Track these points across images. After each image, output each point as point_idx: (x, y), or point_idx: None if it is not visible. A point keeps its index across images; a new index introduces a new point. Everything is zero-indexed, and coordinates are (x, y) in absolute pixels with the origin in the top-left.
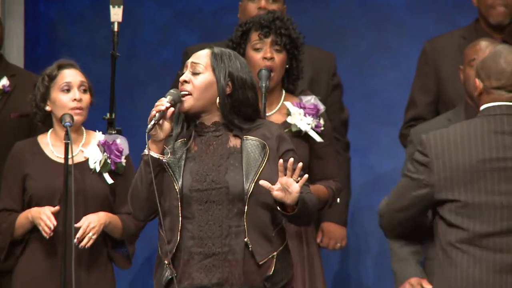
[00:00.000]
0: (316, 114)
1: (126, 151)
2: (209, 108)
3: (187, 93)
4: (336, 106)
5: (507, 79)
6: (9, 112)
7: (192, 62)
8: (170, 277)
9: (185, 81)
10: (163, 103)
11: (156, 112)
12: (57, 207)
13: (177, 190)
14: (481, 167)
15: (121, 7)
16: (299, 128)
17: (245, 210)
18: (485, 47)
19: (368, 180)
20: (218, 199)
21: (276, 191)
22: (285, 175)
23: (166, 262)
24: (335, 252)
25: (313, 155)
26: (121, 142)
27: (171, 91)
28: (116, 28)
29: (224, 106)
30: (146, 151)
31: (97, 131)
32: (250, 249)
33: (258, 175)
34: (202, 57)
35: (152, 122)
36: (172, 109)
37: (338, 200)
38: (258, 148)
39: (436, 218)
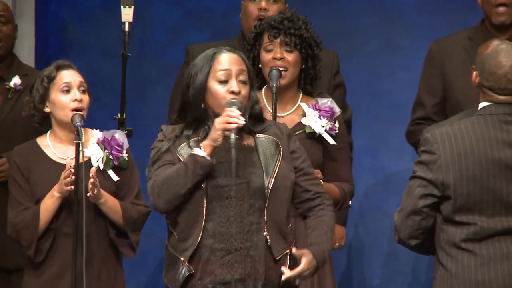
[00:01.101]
0: (331, 117)
1: (126, 144)
2: None
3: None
4: (338, 105)
5: (494, 82)
6: (20, 110)
7: (238, 69)
8: (188, 274)
9: (237, 92)
10: (240, 117)
11: (237, 125)
12: (69, 162)
13: (203, 186)
14: (485, 165)
15: (132, 7)
16: (313, 129)
17: (266, 205)
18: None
19: (378, 181)
20: (239, 195)
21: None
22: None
23: (182, 259)
24: (342, 252)
25: (327, 157)
26: (120, 136)
27: (236, 101)
28: (127, 28)
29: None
30: (200, 153)
31: (94, 129)
32: (268, 244)
33: (276, 171)
34: (242, 64)
35: (234, 136)
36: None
37: (350, 202)
38: (272, 145)
39: (437, 217)
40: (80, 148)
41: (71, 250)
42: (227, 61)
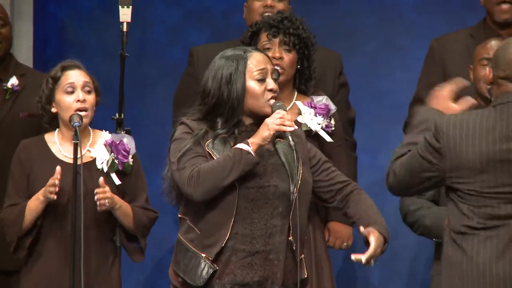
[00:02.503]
0: (327, 114)
1: (133, 150)
2: None
3: None
4: (342, 105)
5: (511, 70)
6: (17, 111)
7: (271, 68)
8: (212, 271)
9: (276, 90)
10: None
11: (294, 129)
12: (58, 169)
13: (237, 185)
14: (491, 155)
15: (130, 7)
16: (309, 127)
17: (291, 209)
18: (496, 46)
19: (377, 180)
20: (264, 197)
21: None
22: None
23: (204, 255)
24: (342, 251)
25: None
26: (128, 141)
27: (282, 105)
28: (125, 29)
29: None
30: (248, 149)
31: (103, 130)
32: (293, 248)
33: (300, 176)
34: (271, 62)
35: (292, 138)
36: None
37: None
38: (290, 150)
39: (449, 204)
40: (79, 150)
41: (68, 250)
42: (262, 60)
